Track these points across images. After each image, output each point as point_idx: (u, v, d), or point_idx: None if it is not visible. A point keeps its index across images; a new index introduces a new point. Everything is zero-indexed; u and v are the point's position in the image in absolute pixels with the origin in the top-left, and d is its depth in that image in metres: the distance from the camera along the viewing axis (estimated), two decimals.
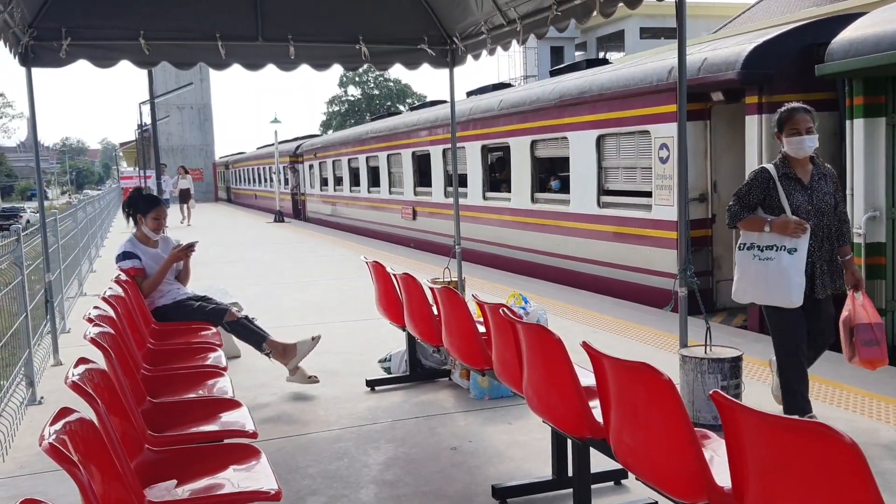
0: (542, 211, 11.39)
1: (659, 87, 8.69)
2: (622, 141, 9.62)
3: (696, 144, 8.45)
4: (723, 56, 7.93)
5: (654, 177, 8.92)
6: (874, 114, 6.71)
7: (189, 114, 52.59)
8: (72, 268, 11.23)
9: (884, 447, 4.37)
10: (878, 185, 6.71)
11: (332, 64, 7.05)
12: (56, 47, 6.14)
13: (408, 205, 16.68)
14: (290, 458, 4.56)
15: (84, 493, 1.98)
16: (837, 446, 1.87)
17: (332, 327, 8.21)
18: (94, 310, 4.00)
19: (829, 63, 6.85)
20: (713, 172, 8.62)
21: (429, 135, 15.30)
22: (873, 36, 6.46)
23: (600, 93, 9.79)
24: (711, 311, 8.54)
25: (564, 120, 10.58)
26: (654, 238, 8.98)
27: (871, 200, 6.75)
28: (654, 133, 8.85)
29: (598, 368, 2.99)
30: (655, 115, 8.82)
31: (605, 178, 9.99)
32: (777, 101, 7.30)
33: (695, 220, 8.45)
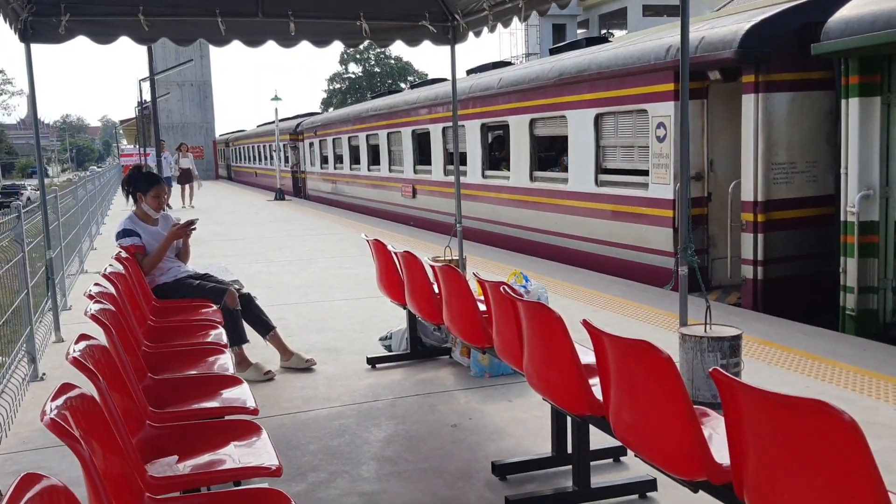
0: (540, 189, 11.44)
1: (656, 66, 8.68)
2: (620, 120, 9.63)
3: (692, 123, 8.40)
4: (720, 35, 7.91)
5: (650, 155, 8.94)
6: (869, 93, 6.74)
7: (189, 91, 52.35)
8: (73, 245, 11.23)
9: (883, 425, 4.39)
10: (872, 164, 6.77)
11: (332, 41, 6.99)
12: (55, 23, 6.09)
13: (408, 183, 16.70)
14: (290, 434, 4.59)
15: (86, 468, 1.99)
16: (837, 424, 1.88)
17: (333, 305, 8.23)
18: (95, 287, 4.00)
19: (824, 42, 6.85)
20: (710, 151, 8.63)
21: (429, 113, 15.30)
22: (869, 15, 6.47)
23: (598, 71, 9.79)
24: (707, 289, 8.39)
25: (563, 98, 10.58)
26: (650, 216, 9.02)
27: (865, 179, 6.81)
28: (652, 112, 8.85)
29: (598, 346, 3.00)
30: (653, 94, 8.83)
31: (603, 156, 10.01)
32: (774, 80, 7.61)
33: (692, 198, 8.42)
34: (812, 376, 5.33)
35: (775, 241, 7.85)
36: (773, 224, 7.84)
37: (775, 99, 7.72)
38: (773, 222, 7.84)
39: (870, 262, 6.82)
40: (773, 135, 7.76)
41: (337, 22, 6.90)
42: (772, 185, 7.80)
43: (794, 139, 7.85)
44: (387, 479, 3.96)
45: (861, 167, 6.79)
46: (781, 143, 7.82)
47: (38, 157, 6.98)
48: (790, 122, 7.82)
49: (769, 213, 7.81)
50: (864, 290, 6.89)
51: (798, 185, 7.90)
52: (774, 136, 7.77)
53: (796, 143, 7.86)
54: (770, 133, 7.76)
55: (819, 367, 5.52)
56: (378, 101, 19.63)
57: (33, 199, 18.71)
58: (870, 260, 6.82)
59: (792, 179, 7.88)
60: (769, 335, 6.38)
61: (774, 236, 7.85)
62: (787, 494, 2.11)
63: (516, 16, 6.25)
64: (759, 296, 7.82)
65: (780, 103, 7.77)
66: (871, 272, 6.81)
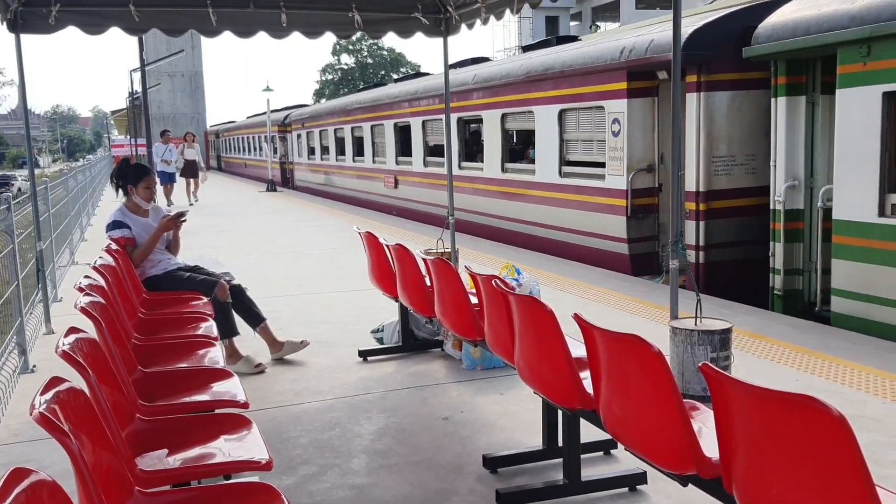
0: (510, 180, 12.03)
1: (612, 66, 9.31)
2: (581, 115, 10.26)
3: (644, 119, 9.17)
4: (667, 38, 8.30)
5: (607, 149, 9.56)
6: (795, 92, 7.43)
7: (180, 82, 52.16)
8: (63, 236, 11.18)
9: (871, 419, 4.42)
10: (798, 157, 7.50)
11: (324, 32, 6.97)
12: (45, 13, 6.05)
13: (390, 174, 17.24)
14: (281, 427, 4.58)
15: (75, 461, 1.98)
16: (825, 418, 1.88)
17: (324, 297, 8.22)
18: (85, 279, 3.98)
19: (755, 46, 7.49)
20: (660, 145, 9.21)
21: (409, 106, 15.76)
22: (792, 22, 7.10)
23: (562, 70, 10.39)
24: (657, 273, 9.22)
25: (531, 95, 11.17)
26: (606, 205, 9.61)
27: (791, 171, 7.55)
28: (608, 108, 9.46)
29: (589, 340, 3.00)
30: (609, 92, 9.44)
31: (566, 149, 10.64)
32: (715, 80, 8.33)
33: (643, 188, 9.21)
34: (801, 370, 5.35)
35: (715, 228, 8.49)
36: (714, 212, 8.47)
37: (716, 97, 8.37)
38: (714, 211, 8.46)
39: (795, 247, 7.56)
40: (714, 130, 8.39)
41: (329, 13, 6.88)
42: (713, 177, 8.42)
43: (734, 134, 8.46)
44: (378, 473, 3.96)
45: (788, 160, 7.51)
46: (722, 138, 8.43)
47: (28, 148, 6.94)
48: (730, 118, 8.42)
49: (710, 202, 8.43)
50: (790, 272, 7.62)
51: (737, 177, 8.50)
52: (715, 131, 8.40)
53: (736, 138, 8.46)
54: (711, 129, 8.39)
55: (808, 360, 5.54)
56: (362, 95, 20.16)
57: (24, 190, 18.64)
58: (795, 244, 7.56)
59: (732, 171, 8.50)
60: (759, 328, 6.41)
61: (715, 223, 8.48)
62: (775, 489, 2.12)
63: (509, 8, 6.25)
64: (700, 278, 8.40)
65: (720, 101, 8.39)
66: (797, 256, 7.57)
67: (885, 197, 6.33)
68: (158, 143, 20.28)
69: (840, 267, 6.74)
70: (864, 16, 6.34)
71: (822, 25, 6.75)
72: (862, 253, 6.51)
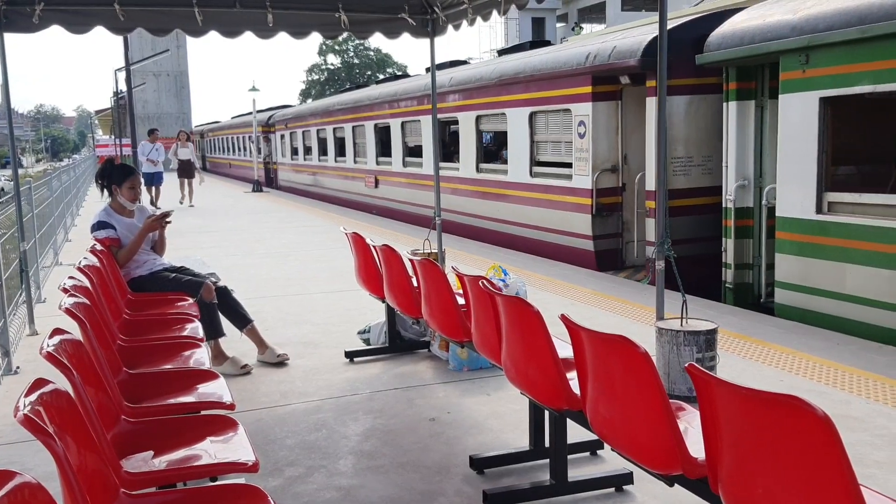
0: (485, 180, 12.49)
1: (578, 71, 9.75)
2: (550, 118, 10.69)
3: (608, 122, 9.63)
4: (628, 45, 9.00)
5: (573, 150, 10.01)
6: (745, 97, 7.88)
7: (166, 81, 51.89)
8: (47, 237, 11.10)
9: (855, 419, 4.45)
10: (748, 158, 7.95)
11: (310, 32, 6.95)
12: (29, 12, 6.01)
13: (370, 174, 17.67)
14: (268, 429, 4.57)
15: (59, 463, 1.97)
16: (810, 419, 1.90)
17: (310, 298, 8.20)
18: (70, 280, 3.95)
19: (706, 53, 7.98)
20: (624, 146, 9.69)
21: (389, 108, 16.15)
22: (741, 31, 7.56)
23: (532, 74, 10.83)
24: (621, 268, 9.83)
25: (503, 98, 11.63)
26: (573, 204, 10.08)
27: (742, 171, 8.01)
28: (575, 111, 9.91)
29: (575, 341, 3.01)
30: (575, 96, 9.90)
31: (537, 150, 11.09)
32: (673, 84, 8.54)
33: (607, 188, 9.68)
34: (786, 370, 5.39)
35: (674, 225, 8.46)
36: (672, 210, 8.46)
37: (674, 101, 8.74)
38: (672, 209, 8.47)
39: (745, 243, 8.05)
40: (672, 132, 8.77)
41: (315, 13, 6.87)
42: (671, 177, 8.76)
43: (691, 136, 8.94)
44: (364, 474, 3.95)
45: (738, 161, 7.97)
46: (680, 140, 8.89)
47: (11, 148, 6.89)
48: (688, 121, 8.91)
49: (669, 200, 8.25)
50: (740, 266, 8.10)
51: (695, 177, 8.98)
52: (674, 133, 8.81)
53: (693, 140, 8.94)
54: (670, 131, 8.69)
55: (793, 360, 5.58)
56: (344, 96, 20.61)
57: (7, 190, 18.51)
58: (745, 241, 8.04)
59: (689, 171, 8.98)
60: (744, 329, 6.44)
61: (673, 221, 8.49)
62: (761, 489, 2.14)
63: (496, 9, 6.25)
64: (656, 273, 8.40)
65: (678, 105, 8.83)
66: (747, 251, 8.05)
67: (823, 195, 6.75)
68: (145, 141, 19.46)
69: (782, 261, 7.18)
70: (803, 26, 6.78)
71: (767, 35, 7.19)
72: (801, 248, 6.97)
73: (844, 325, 6.53)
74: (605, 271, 9.51)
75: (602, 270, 9.54)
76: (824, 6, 6.71)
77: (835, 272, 6.65)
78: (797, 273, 7.02)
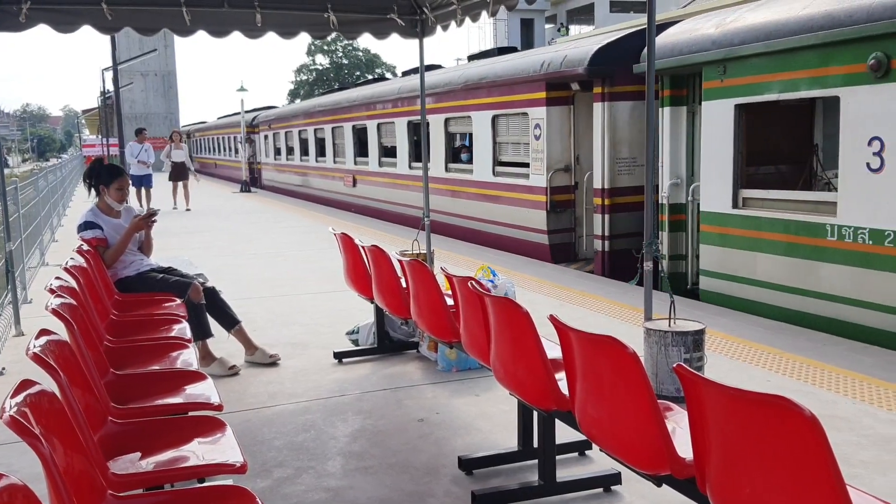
0: (453, 179, 13.23)
1: (533, 78, 10.52)
2: (510, 121, 11.45)
3: (561, 125, 10.39)
4: (577, 54, 9.83)
5: (530, 151, 10.77)
6: (678, 103, 8.61)
7: (153, 81, 51.61)
8: (33, 237, 11.03)
9: (842, 419, 4.48)
10: (680, 159, 8.66)
11: (299, 32, 6.93)
12: (15, 11, 5.96)
13: (349, 173, 18.38)
14: (256, 430, 4.55)
15: (46, 465, 1.96)
16: (797, 419, 1.91)
17: (299, 299, 8.18)
18: (56, 280, 3.93)
19: (642, 63, 8.64)
20: (576, 148, 10.45)
21: (366, 110, 16.82)
22: (672, 43, 8.28)
23: (494, 80, 11.60)
24: (573, 260, 10.59)
25: (469, 101, 12.39)
26: (530, 201, 10.81)
27: (675, 171, 8.68)
28: (531, 115, 10.65)
29: (564, 341, 3.01)
30: (531, 101, 10.64)
31: (499, 151, 11.85)
32: (617, 91, 9.56)
33: (560, 186, 10.49)
34: (773, 370, 5.41)
35: (618, 220, 9.75)
36: (617, 207, 9.72)
37: (618, 106, 9.59)
38: (617, 205, 9.72)
39: (679, 236, 8.78)
40: (617, 135, 9.61)
41: (304, 13, 6.84)
42: (616, 176, 9.66)
43: (635, 139, 9.60)
44: (353, 475, 3.95)
45: (672, 161, 8.65)
46: (624, 142, 9.64)
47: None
48: (631, 125, 9.62)
49: (614, 198, 9.70)
50: (674, 257, 8.81)
51: (637, 176, 9.64)
52: (618, 136, 9.62)
53: (636, 142, 9.60)
54: (615, 134, 9.61)
55: (780, 361, 5.61)
56: (324, 98, 21.47)
57: None
58: (678, 234, 8.76)
59: (633, 171, 9.69)
60: (731, 329, 6.47)
61: (617, 217, 9.74)
62: (748, 488, 2.15)
63: (484, 10, 6.25)
64: (606, 265, 9.72)
65: (622, 110, 9.61)
66: (680, 243, 8.78)
67: (738, 192, 7.55)
68: (133, 142, 18.42)
69: (705, 251, 7.99)
70: (722, 41, 7.55)
71: (693, 47, 7.95)
72: (721, 239, 7.78)
73: (756, 308, 7.29)
74: (559, 263, 10.31)
75: (556, 263, 10.32)
76: (739, 23, 7.46)
77: (747, 260, 7.43)
78: (717, 262, 7.83)
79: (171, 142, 19.15)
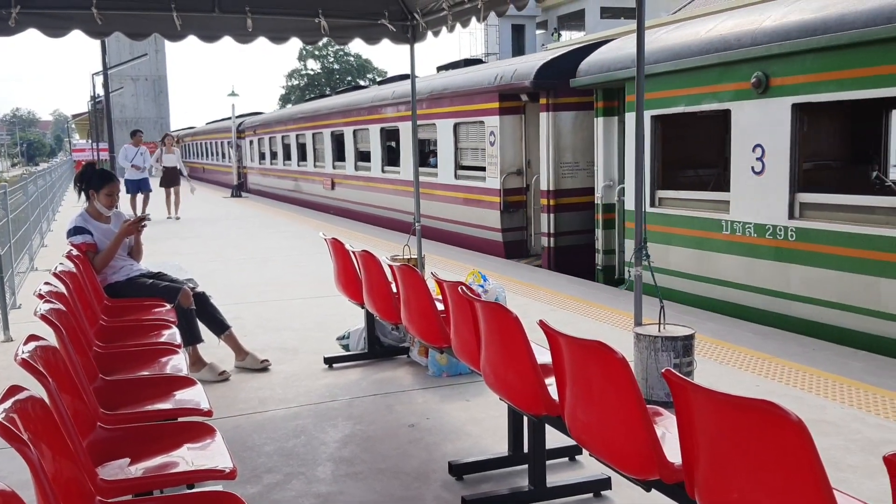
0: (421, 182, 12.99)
1: (488, 89, 11.58)
2: (469, 128, 12.40)
3: (514, 132, 11.41)
4: (524, 69, 10.83)
5: (486, 156, 11.76)
6: (609, 114, 9.59)
7: (144, 86, 51.52)
8: (22, 242, 10.98)
9: (830, 423, 4.50)
10: (612, 163, 9.59)
11: (290, 37, 6.93)
12: (5, 15, 5.93)
13: (327, 177, 19.32)
14: (246, 436, 4.54)
15: (34, 471, 1.95)
16: (785, 424, 1.92)
17: (290, 304, 8.17)
18: (45, 286, 3.92)
19: (577, 78, 9.68)
20: (527, 153, 11.41)
21: (343, 117, 17.76)
22: (602, 60, 9.33)
23: (455, 91, 12.62)
24: (525, 256, 11.48)
25: (434, 110, 13.32)
26: (486, 202, 11.80)
27: (608, 174, 9.62)
28: (487, 123, 11.67)
29: (554, 346, 3.02)
30: (487, 110, 11.65)
31: (460, 156, 12.80)
32: (561, 102, 10.52)
33: (513, 188, 11.44)
34: (762, 375, 5.44)
35: (562, 219, 10.74)
36: (561, 207, 10.71)
37: (562, 116, 10.54)
38: (561, 206, 10.71)
39: (610, 233, 9.67)
40: (561, 142, 10.58)
41: (295, 19, 6.84)
42: (560, 179, 10.62)
43: (577, 145, 10.60)
44: (343, 480, 3.94)
45: (605, 166, 9.61)
46: (567, 148, 10.62)
47: None
48: (574, 132, 10.61)
49: (558, 199, 10.68)
50: (607, 251, 9.78)
51: (581, 179, 10.64)
52: (562, 142, 10.59)
53: (579, 148, 10.61)
54: (559, 141, 10.58)
55: (769, 365, 5.63)
56: (305, 105, 22.88)
57: None
58: (609, 231, 9.67)
59: (576, 174, 10.67)
60: (720, 334, 6.50)
61: (562, 216, 10.74)
62: (736, 492, 2.16)
63: (475, 16, 6.26)
64: (552, 260, 10.74)
65: (565, 119, 10.56)
66: (612, 239, 9.65)
67: (655, 192, 8.48)
68: (128, 144, 17.15)
69: (629, 245, 8.75)
70: None
71: (618, 65, 8.88)
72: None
73: (670, 295, 7.93)
74: (512, 259, 11.25)
75: (509, 258, 11.26)
76: (655, 44, 8.36)
77: (663, 252, 8.25)
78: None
79: (162, 145, 18.16)
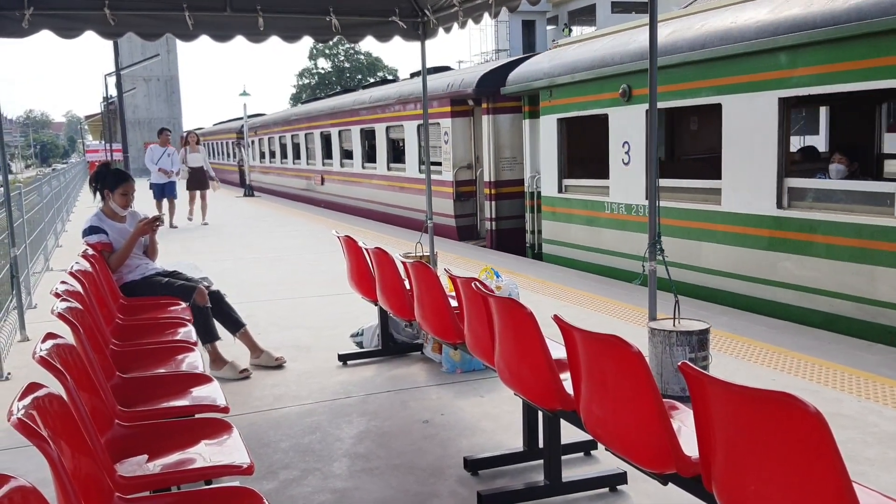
0: (392, 176, 16.14)
1: (442, 96, 13.35)
2: (430, 129, 13.33)
3: (464, 132, 13.35)
4: (469, 78, 12.80)
5: (442, 153, 13.57)
6: (534, 116, 11.20)
7: (156, 86, 51.77)
8: (37, 242, 11.06)
9: (847, 417, 4.48)
10: (537, 158, 11.20)
11: (302, 36, 6.95)
12: (18, 17, 5.97)
13: (318, 173, 21.20)
14: (262, 432, 4.56)
15: (54, 468, 1.96)
16: (803, 416, 1.91)
17: (303, 302, 8.19)
18: (62, 285, 3.94)
19: (506, 87, 11.49)
20: (476, 150, 13.22)
21: (330, 119, 19.53)
22: (523, 72, 11.18)
23: (417, 96, 13.55)
24: (475, 239, 13.24)
25: (401, 113, 15.23)
26: (443, 192, 13.35)
27: (534, 167, 11.31)
28: (442, 125, 13.54)
29: (568, 341, 3.02)
30: (442, 113, 13.50)
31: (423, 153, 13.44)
32: (499, 107, 12.39)
33: (464, 180, 13.31)
34: (778, 369, 5.41)
35: (502, 206, 12.57)
36: (502, 196, 12.52)
37: (500, 118, 12.45)
38: (502, 194, 12.52)
39: (537, 216, 11.34)
40: (500, 140, 12.48)
41: (306, 17, 6.86)
42: (500, 171, 12.49)
43: (514, 143, 12.37)
44: (359, 476, 3.95)
45: (531, 159, 11.37)
46: (506, 146, 12.47)
47: (1, 153, 6.85)
48: (511, 132, 12.41)
49: (499, 188, 12.52)
50: (534, 232, 11.54)
51: (517, 172, 12.28)
52: (501, 141, 12.48)
53: (516, 146, 12.32)
54: (498, 139, 12.48)
55: (784, 359, 5.60)
56: (300, 108, 25.27)
57: None
58: (535, 214, 11.39)
59: (513, 168, 12.42)
60: (736, 329, 6.47)
61: (502, 203, 12.56)
62: (754, 485, 2.15)
63: (486, 12, 6.26)
64: (494, 241, 12.59)
65: (504, 121, 12.45)
66: (537, 222, 11.38)
67: (562, 181, 10.43)
68: (154, 144, 15.56)
69: (545, 225, 10.94)
70: (549, 71, 10.44)
71: (536, 76, 10.73)
72: (553, 216, 10.74)
73: (573, 264, 10.11)
74: (464, 241, 13.01)
75: (462, 240, 12.99)
76: (557, 60, 10.35)
77: (566, 230, 10.33)
78: (550, 232, 10.80)
79: (185, 145, 16.17)
